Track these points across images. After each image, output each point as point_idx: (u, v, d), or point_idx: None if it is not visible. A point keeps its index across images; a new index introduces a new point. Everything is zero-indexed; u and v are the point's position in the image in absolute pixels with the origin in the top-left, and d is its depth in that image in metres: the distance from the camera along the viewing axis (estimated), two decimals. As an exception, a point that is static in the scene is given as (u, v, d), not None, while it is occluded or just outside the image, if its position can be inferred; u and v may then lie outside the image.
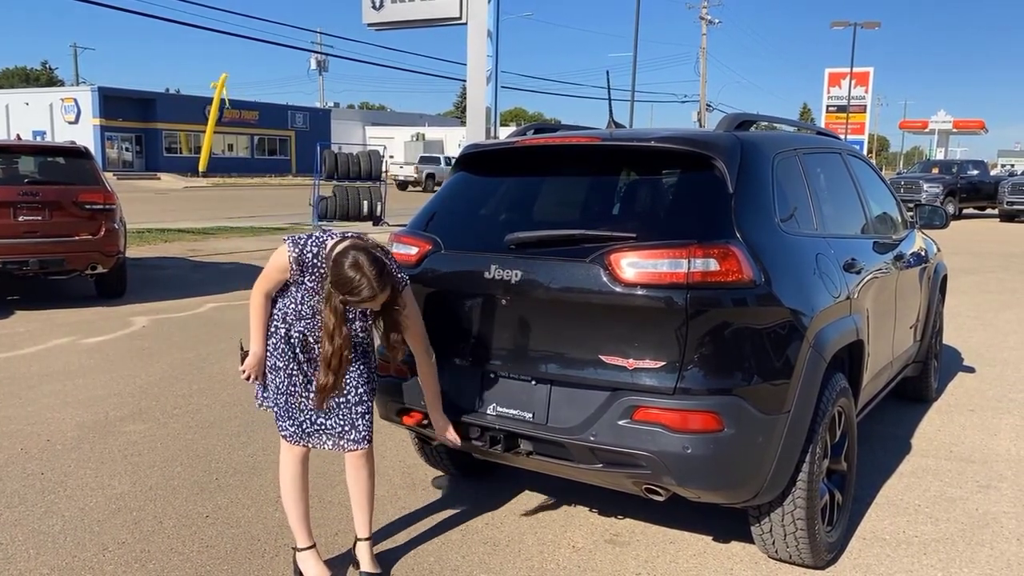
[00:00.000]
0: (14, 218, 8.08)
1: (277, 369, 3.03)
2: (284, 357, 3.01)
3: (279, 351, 3.02)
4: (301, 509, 3.15)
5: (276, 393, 3.06)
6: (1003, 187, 24.57)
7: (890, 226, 4.76)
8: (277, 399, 3.07)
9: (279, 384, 3.04)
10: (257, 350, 3.04)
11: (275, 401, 3.08)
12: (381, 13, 15.71)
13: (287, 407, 3.06)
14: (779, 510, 3.11)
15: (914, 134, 67.50)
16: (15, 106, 47.78)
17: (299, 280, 2.94)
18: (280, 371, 3.03)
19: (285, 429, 3.09)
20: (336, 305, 2.80)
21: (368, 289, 2.72)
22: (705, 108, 46.19)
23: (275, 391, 3.07)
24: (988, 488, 4.14)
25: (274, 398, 3.08)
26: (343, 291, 2.75)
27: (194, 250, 13.66)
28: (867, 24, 40.55)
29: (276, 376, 3.05)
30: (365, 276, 2.71)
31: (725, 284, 2.79)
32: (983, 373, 6.43)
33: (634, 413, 2.83)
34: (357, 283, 2.71)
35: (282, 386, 3.04)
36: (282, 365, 3.02)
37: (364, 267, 2.71)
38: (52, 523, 3.57)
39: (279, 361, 3.02)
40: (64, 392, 5.49)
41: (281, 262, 2.93)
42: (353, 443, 3.11)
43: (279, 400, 3.06)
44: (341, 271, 2.73)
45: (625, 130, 4.03)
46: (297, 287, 2.97)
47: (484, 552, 3.40)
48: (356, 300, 2.77)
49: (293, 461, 3.13)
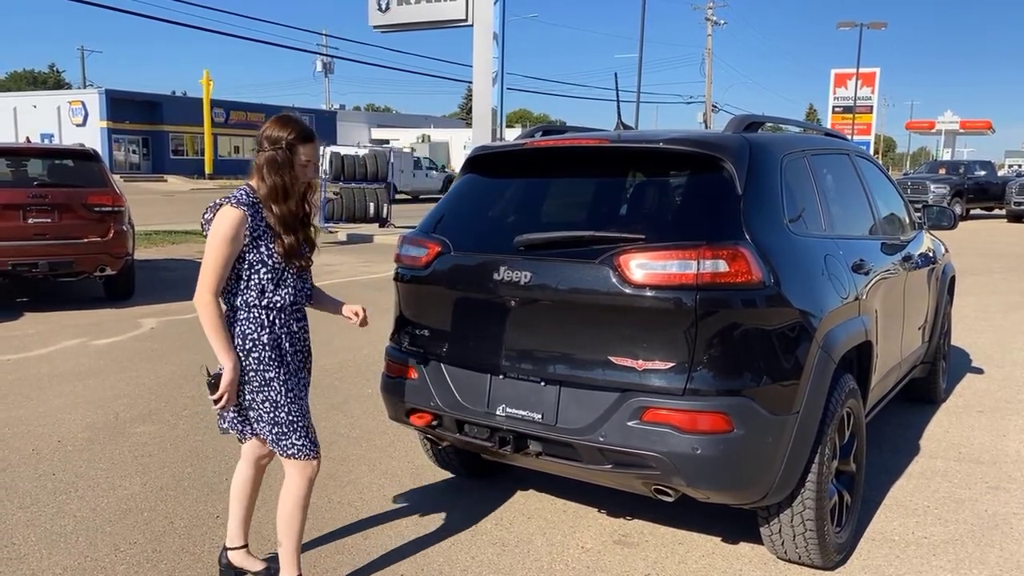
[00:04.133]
0: (23, 220, 8.13)
1: (269, 381, 2.78)
2: (273, 364, 2.78)
3: (265, 360, 2.77)
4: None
5: (275, 409, 2.80)
6: (1010, 187, 24.47)
7: (898, 227, 4.76)
8: (277, 415, 2.80)
9: (276, 396, 2.79)
10: (233, 363, 2.73)
11: (274, 419, 2.80)
12: (387, 15, 15.76)
13: (301, 416, 2.84)
14: (788, 511, 3.11)
15: (921, 135, 67.26)
16: (23, 109, 47.96)
17: (259, 240, 2.74)
18: (275, 381, 2.78)
19: (290, 447, 2.82)
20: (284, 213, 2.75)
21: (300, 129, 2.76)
22: (711, 109, 46.11)
23: (275, 406, 2.80)
24: (997, 489, 4.13)
25: (272, 416, 2.80)
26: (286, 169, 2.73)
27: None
28: (873, 25, 40.49)
29: (270, 389, 2.78)
30: (289, 127, 2.75)
31: (734, 285, 2.80)
32: (992, 374, 6.41)
33: (643, 414, 2.84)
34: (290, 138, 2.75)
35: (282, 396, 2.79)
36: (274, 374, 2.78)
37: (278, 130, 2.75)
38: (64, 523, 3.59)
39: (269, 372, 2.78)
40: (74, 393, 5.52)
41: (234, 230, 2.70)
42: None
43: (281, 416, 2.80)
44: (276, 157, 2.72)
45: (633, 132, 4.05)
46: (251, 269, 2.75)
47: (493, 552, 3.41)
48: (305, 152, 2.77)
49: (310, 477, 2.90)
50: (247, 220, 2.72)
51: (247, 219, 2.72)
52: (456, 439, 3.36)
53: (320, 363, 6.37)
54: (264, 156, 2.75)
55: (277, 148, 2.74)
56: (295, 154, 2.77)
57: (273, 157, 2.74)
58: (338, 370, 6.19)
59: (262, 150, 2.76)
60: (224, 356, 2.72)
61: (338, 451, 4.51)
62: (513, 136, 4.23)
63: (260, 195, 2.77)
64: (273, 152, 2.74)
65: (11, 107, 47.89)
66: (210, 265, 2.72)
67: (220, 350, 2.72)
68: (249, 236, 2.73)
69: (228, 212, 2.71)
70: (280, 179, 2.74)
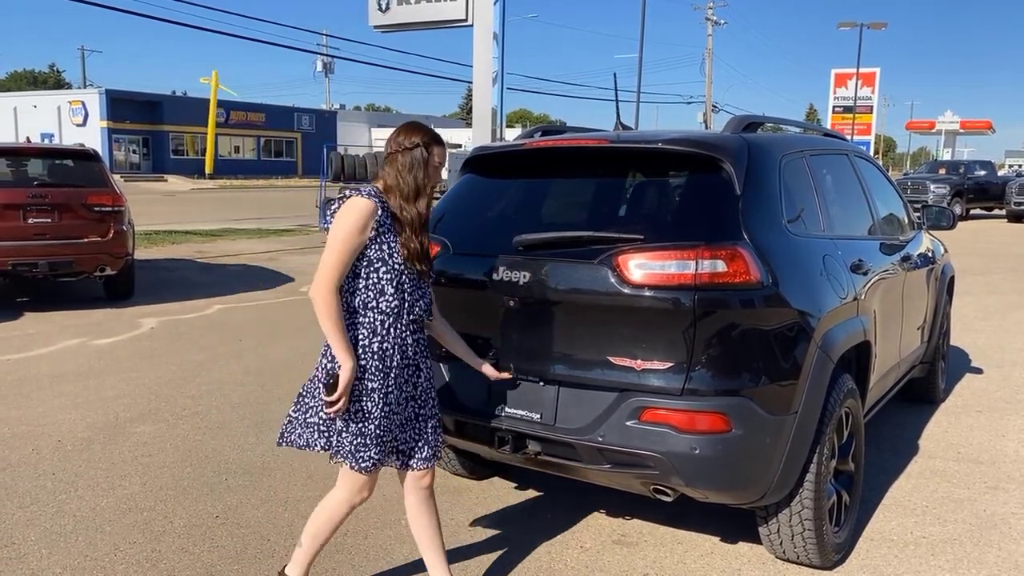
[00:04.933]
0: (23, 220, 8.14)
1: (369, 392, 2.65)
2: (377, 375, 2.66)
3: (371, 370, 2.65)
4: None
5: (365, 420, 2.66)
6: (1010, 187, 24.48)
7: (897, 227, 4.76)
8: (365, 427, 2.66)
9: (372, 408, 2.65)
10: (353, 363, 2.59)
11: (360, 431, 2.66)
12: (387, 15, 15.75)
13: (388, 431, 2.72)
14: (787, 510, 3.12)
15: (921, 135, 67.33)
16: (23, 108, 48.00)
17: (383, 236, 2.64)
18: (375, 393, 2.65)
19: (365, 461, 2.68)
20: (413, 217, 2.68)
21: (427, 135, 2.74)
22: (711, 109, 46.11)
23: (366, 417, 2.66)
24: (996, 489, 4.14)
25: (360, 428, 2.66)
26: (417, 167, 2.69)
27: (202, 252, 13.71)
28: (874, 25, 40.48)
29: (368, 400, 2.66)
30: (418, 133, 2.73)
31: (733, 285, 2.81)
32: (991, 374, 6.42)
33: (642, 414, 2.85)
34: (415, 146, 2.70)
35: (378, 408, 2.66)
36: (376, 385, 2.66)
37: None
38: (64, 523, 3.60)
39: (372, 382, 2.65)
40: (74, 393, 5.52)
41: (364, 220, 2.59)
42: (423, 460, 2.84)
43: (369, 428, 2.66)
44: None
45: (632, 132, 4.05)
46: (371, 267, 2.64)
47: (493, 553, 3.42)
48: (437, 154, 2.74)
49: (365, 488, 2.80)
50: (376, 213, 2.63)
51: (377, 211, 2.63)
52: (455, 439, 3.36)
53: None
54: (400, 156, 2.70)
55: (416, 147, 2.70)
56: (431, 155, 2.72)
57: (411, 156, 2.70)
58: (338, 370, 6.18)
59: (396, 151, 2.71)
60: (344, 355, 2.58)
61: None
62: (513, 136, 4.23)
63: (388, 196, 2.71)
64: (411, 151, 2.70)
65: (11, 107, 47.94)
66: (334, 257, 2.58)
67: (339, 348, 2.58)
68: (375, 230, 2.62)
69: (359, 202, 2.61)
70: (415, 179, 2.68)
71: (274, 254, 13.68)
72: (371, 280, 2.66)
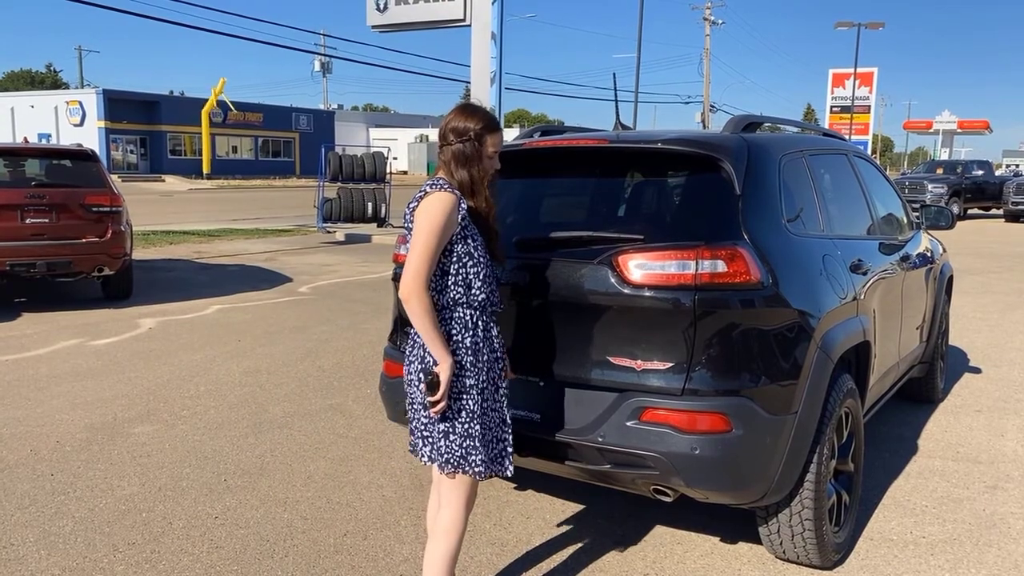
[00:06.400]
0: (21, 221, 8.12)
1: (468, 389, 2.57)
2: (473, 371, 2.58)
3: (467, 366, 2.57)
4: None
5: (470, 420, 2.57)
6: (1008, 187, 24.52)
7: (896, 227, 4.77)
8: (471, 427, 2.57)
9: (474, 406, 2.57)
10: (451, 360, 2.52)
11: (466, 431, 2.57)
12: (385, 15, 15.77)
13: (489, 430, 2.63)
14: (787, 511, 3.12)
15: (918, 134, 67.39)
16: (20, 109, 47.96)
17: (467, 230, 2.56)
18: (473, 388, 2.57)
19: (477, 464, 2.59)
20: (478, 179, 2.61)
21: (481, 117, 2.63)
22: (709, 109, 46.16)
23: (470, 416, 2.58)
24: (995, 489, 4.14)
25: (465, 428, 2.57)
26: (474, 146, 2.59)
27: (200, 252, 13.69)
28: (871, 25, 40.52)
29: (468, 397, 2.57)
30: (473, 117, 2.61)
31: (733, 285, 2.81)
32: (989, 374, 6.42)
33: (642, 414, 2.85)
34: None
35: (478, 406, 2.58)
36: (473, 381, 2.58)
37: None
38: (63, 524, 3.59)
39: (469, 378, 2.57)
40: (72, 394, 5.51)
41: (450, 214, 2.49)
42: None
43: (475, 428, 2.57)
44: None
45: (632, 132, 4.05)
46: (459, 262, 2.56)
47: (492, 553, 3.42)
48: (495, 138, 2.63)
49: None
50: (460, 207, 2.54)
51: (460, 205, 2.54)
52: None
53: (318, 363, 6.41)
54: (451, 150, 2.58)
55: (465, 140, 2.57)
56: (483, 145, 2.60)
57: (461, 150, 2.58)
58: (336, 370, 6.19)
59: (447, 143, 2.59)
60: (442, 352, 2.50)
61: (337, 451, 4.51)
62: (511, 136, 4.23)
63: None
64: (461, 145, 2.58)
65: (8, 107, 47.90)
66: (422, 253, 2.47)
67: (437, 346, 2.49)
68: (460, 224, 2.54)
69: (443, 196, 2.50)
70: (468, 173, 2.59)
71: (272, 254, 13.67)
72: (460, 275, 2.57)
